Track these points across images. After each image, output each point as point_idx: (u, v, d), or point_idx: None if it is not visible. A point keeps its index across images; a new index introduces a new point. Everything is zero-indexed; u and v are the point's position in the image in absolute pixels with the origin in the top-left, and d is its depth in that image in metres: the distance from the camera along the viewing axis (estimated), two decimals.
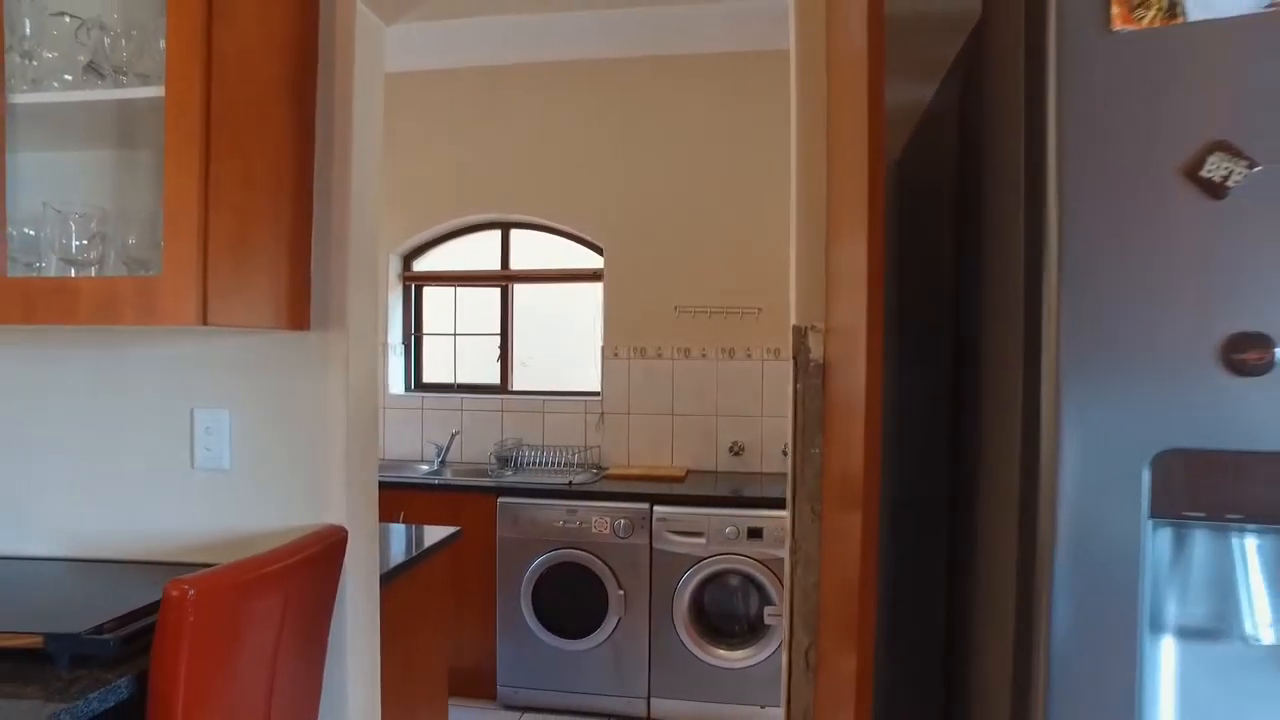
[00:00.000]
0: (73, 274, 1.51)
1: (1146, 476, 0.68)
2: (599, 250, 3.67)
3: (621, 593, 2.99)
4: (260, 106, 1.45)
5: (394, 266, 3.87)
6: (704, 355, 3.54)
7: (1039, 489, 0.71)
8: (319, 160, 1.63)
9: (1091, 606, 0.70)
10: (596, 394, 3.65)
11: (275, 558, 1.40)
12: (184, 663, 1.21)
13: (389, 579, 1.92)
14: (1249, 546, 0.70)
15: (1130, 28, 0.68)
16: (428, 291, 3.97)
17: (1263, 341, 0.66)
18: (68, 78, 1.50)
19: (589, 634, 3.03)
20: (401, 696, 2.02)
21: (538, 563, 3.06)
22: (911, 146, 1.40)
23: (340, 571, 1.63)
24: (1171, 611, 0.73)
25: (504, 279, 3.86)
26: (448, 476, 3.44)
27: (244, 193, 1.42)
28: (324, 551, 1.55)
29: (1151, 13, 0.67)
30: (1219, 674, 0.72)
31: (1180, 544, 0.74)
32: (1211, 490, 0.68)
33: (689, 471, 3.48)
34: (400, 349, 3.89)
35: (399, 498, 3.19)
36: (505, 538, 3.09)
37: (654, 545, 2.98)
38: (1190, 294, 0.68)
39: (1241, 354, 0.66)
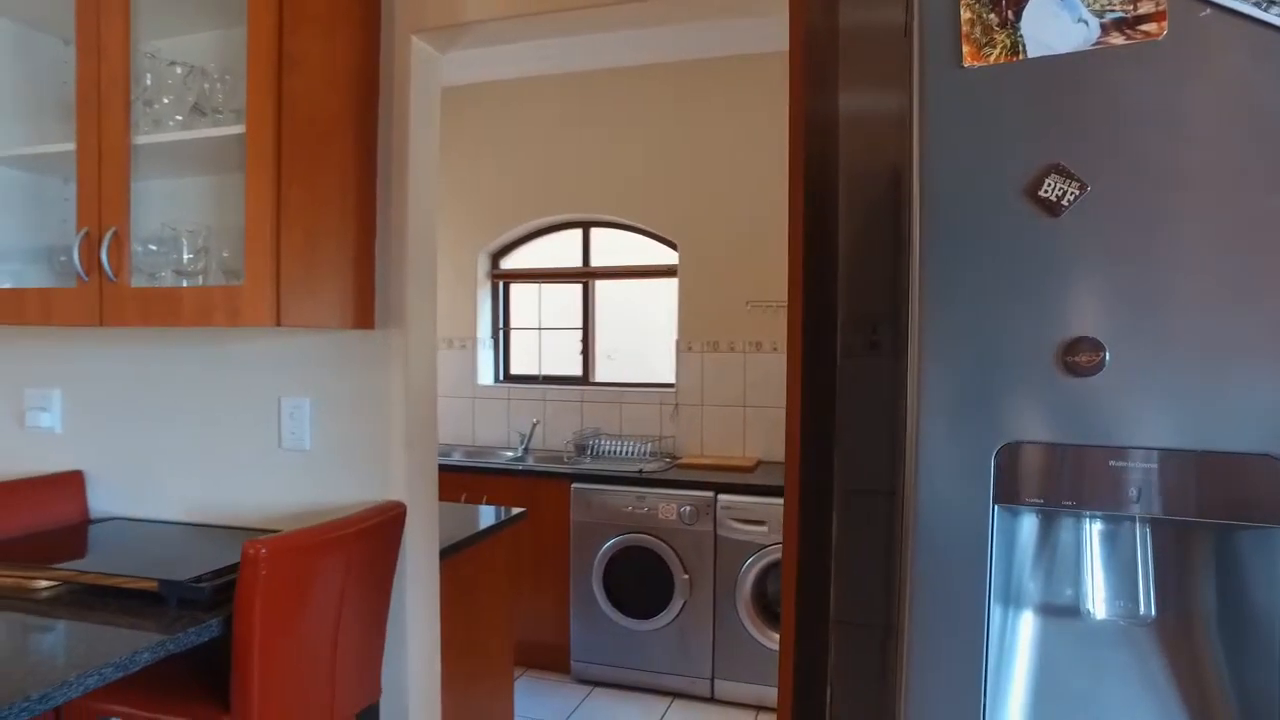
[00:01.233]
0: (184, 284, 1.80)
1: (992, 466, 0.77)
2: (675, 246, 3.80)
3: (686, 577, 3.13)
4: (326, 136, 1.68)
5: (483, 265, 4.14)
6: (775, 349, 3.61)
7: (903, 475, 0.81)
8: (381, 179, 1.86)
9: (943, 582, 0.79)
10: (671, 386, 3.79)
11: (338, 526, 1.63)
12: (258, 608, 1.45)
13: (452, 552, 2.14)
14: (1092, 531, 0.77)
15: (979, 64, 0.76)
16: (514, 288, 4.22)
17: (1093, 345, 0.73)
18: (179, 118, 1.78)
19: (656, 615, 3.19)
20: (465, 661, 2.25)
21: (608, 545, 3.24)
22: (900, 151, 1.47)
23: (400, 542, 1.85)
24: (1032, 589, 0.81)
25: (585, 275, 4.06)
26: (530, 463, 3.68)
27: (312, 212, 1.65)
28: (383, 523, 1.77)
29: (997, 50, 0.75)
30: (1076, 647, 0.79)
31: (1047, 529, 0.81)
32: (1049, 479, 0.75)
33: (760, 462, 3.57)
34: (489, 343, 4.17)
35: (483, 482, 3.46)
36: (578, 521, 3.29)
37: (718, 532, 3.10)
38: (1032, 301, 0.76)
39: (1075, 356, 0.74)
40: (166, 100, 1.78)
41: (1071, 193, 0.73)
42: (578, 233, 4.08)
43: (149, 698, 1.57)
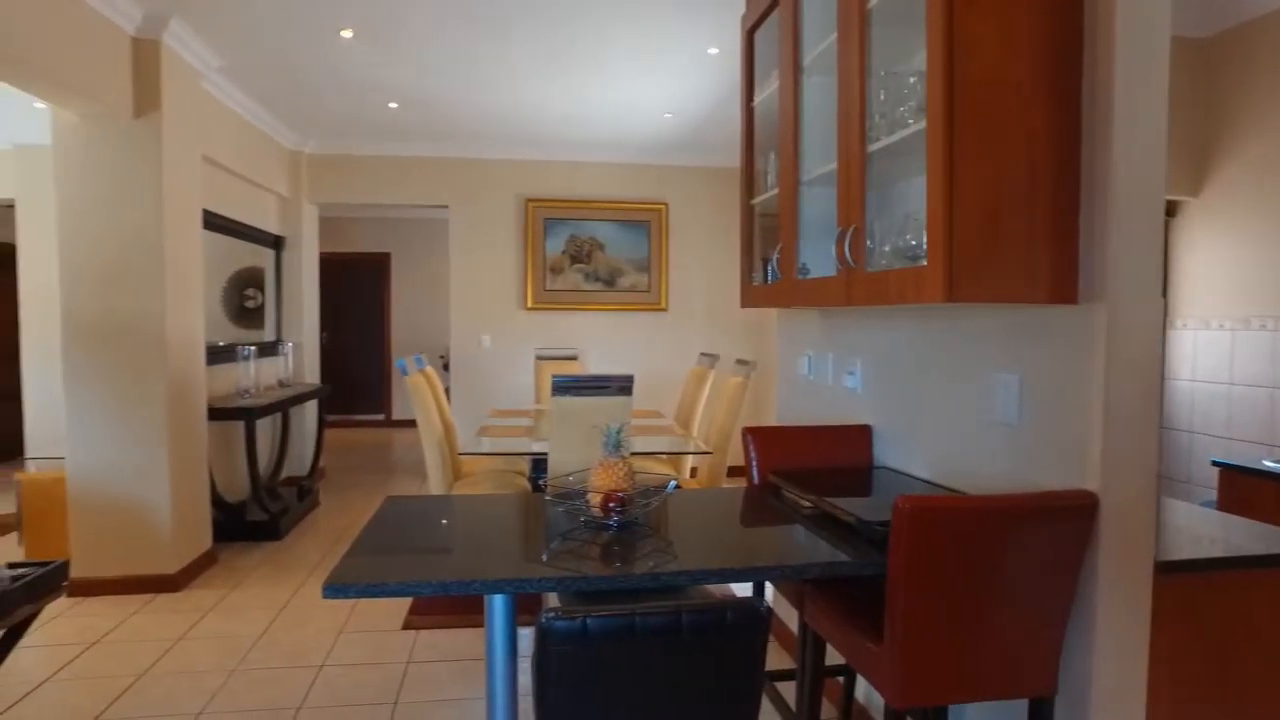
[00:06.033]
0: (907, 267, 2.05)
1: None
2: None
3: None
4: (1005, 113, 1.66)
5: None
6: None
7: None
8: (1085, 142, 1.70)
9: None
10: None
11: (997, 502, 1.64)
12: (901, 557, 1.62)
13: (1197, 570, 1.79)
14: None
15: None
16: None
17: None
18: (910, 121, 2.03)
19: None
20: (1208, 702, 1.84)
21: None
22: None
23: (1088, 536, 1.69)
24: None
25: None
26: None
27: (989, 190, 1.67)
28: (1060, 510, 1.66)
29: None
30: None
31: None
32: None
33: None
34: None
35: None
36: None
37: None
38: None
39: None
40: (902, 109, 2.05)
41: None
42: None
43: (836, 605, 1.93)
